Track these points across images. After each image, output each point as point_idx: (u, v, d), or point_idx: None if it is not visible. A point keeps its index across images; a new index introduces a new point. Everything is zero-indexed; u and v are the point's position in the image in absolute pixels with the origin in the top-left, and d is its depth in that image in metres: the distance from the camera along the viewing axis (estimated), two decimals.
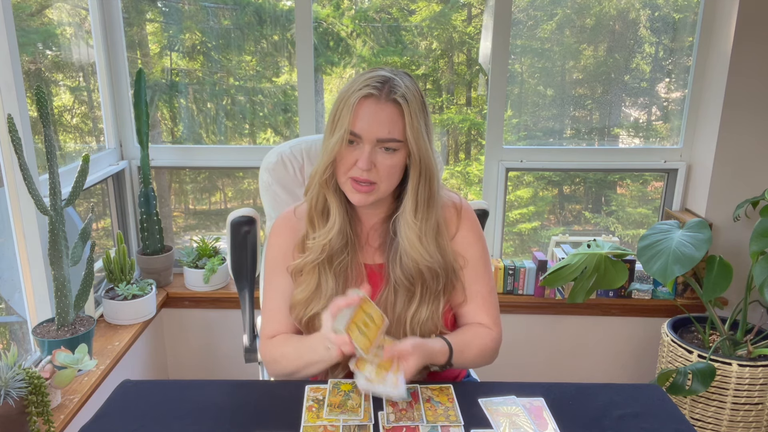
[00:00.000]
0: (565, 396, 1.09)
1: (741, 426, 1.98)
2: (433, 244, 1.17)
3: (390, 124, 1.09)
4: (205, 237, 2.48)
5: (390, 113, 1.09)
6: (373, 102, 1.09)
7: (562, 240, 2.50)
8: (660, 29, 2.41)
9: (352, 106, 1.09)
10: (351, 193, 1.14)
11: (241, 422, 1.03)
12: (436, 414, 1.03)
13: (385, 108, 1.09)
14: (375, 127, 1.09)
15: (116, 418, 1.05)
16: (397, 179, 1.14)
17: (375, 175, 1.11)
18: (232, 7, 2.39)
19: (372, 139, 1.09)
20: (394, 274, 1.18)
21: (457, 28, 2.51)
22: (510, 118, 2.49)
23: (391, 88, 1.10)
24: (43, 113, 1.56)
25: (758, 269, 1.87)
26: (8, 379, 1.31)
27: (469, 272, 1.24)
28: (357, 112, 1.09)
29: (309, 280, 1.20)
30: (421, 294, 1.17)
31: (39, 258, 1.77)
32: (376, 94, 1.09)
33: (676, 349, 2.05)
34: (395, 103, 1.09)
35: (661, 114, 2.55)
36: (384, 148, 1.10)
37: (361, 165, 1.09)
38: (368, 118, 1.09)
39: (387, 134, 1.09)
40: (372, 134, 1.09)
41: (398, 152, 1.11)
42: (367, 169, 1.09)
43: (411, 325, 1.17)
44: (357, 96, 1.09)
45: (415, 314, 1.17)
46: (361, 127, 1.09)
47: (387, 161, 1.11)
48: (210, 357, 2.50)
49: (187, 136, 2.55)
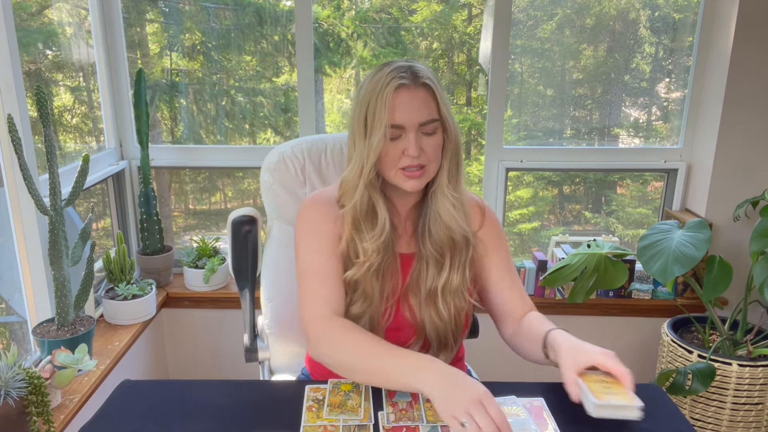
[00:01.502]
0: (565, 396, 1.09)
1: (741, 426, 1.98)
2: (464, 216, 1.21)
3: (427, 107, 1.13)
4: (205, 237, 2.48)
5: (424, 97, 1.13)
6: (405, 91, 1.12)
7: (562, 240, 2.50)
8: (660, 29, 2.41)
9: (387, 101, 1.11)
10: (404, 182, 1.15)
11: (241, 422, 1.03)
12: (436, 414, 1.03)
13: (419, 93, 1.13)
14: (415, 113, 1.12)
15: (116, 418, 1.04)
16: (440, 158, 1.18)
17: (424, 159, 1.14)
18: (232, 7, 2.39)
19: (415, 126, 1.12)
20: (425, 249, 1.21)
21: (457, 28, 2.51)
22: (510, 118, 2.49)
23: (416, 74, 1.13)
24: (43, 113, 1.56)
25: (758, 269, 1.87)
26: (8, 379, 1.31)
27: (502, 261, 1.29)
28: (394, 105, 1.12)
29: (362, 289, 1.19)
30: (451, 263, 1.20)
31: (39, 258, 1.77)
32: (407, 83, 1.12)
33: (676, 349, 2.05)
34: (425, 87, 1.14)
35: (661, 114, 2.55)
36: (425, 132, 1.14)
37: (412, 152, 1.12)
38: (406, 107, 1.12)
39: (427, 116, 1.13)
40: (414, 120, 1.12)
41: (437, 132, 1.15)
42: (418, 156, 1.12)
43: (443, 296, 1.20)
44: (390, 89, 1.11)
45: (446, 284, 1.20)
46: (401, 117, 1.12)
47: (431, 142, 1.14)
48: (210, 357, 2.50)
49: (187, 136, 2.55)
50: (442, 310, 1.21)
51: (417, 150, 1.12)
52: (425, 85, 1.14)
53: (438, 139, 1.16)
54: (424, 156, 1.14)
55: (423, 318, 1.21)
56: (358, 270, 1.18)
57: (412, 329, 1.23)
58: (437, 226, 1.20)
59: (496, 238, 1.30)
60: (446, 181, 1.19)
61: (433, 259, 1.21)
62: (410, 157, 1.13)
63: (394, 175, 1.16)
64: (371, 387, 1.10)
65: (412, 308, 1.22)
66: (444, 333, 1.22)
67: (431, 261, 1.21)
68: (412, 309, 1.22)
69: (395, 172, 1.15)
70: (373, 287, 1.18)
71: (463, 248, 1.22)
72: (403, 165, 1.14)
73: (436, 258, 1.21)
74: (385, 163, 1.15)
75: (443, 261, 1.21)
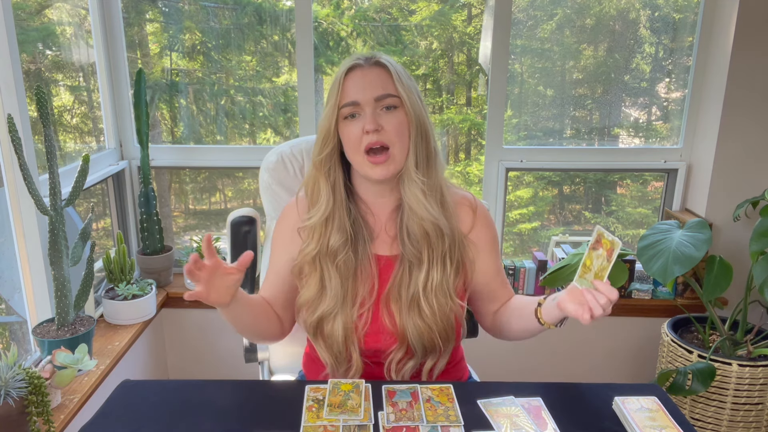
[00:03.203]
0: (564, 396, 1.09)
1: (741, 426, 1.98)
2: (436, 205, 1.16)
3: (381, 82, 1.12)
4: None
5: (378, 73, 1.13)
6: (358, 70, 1.14)
7: (562, 240, 2.50)
8: (660, 29, 2.41)
9: (339, 82, 1.13)
10: (370, 169, 1.13)
11: (241, 422, 1.02)
12: (436, 414, 1.03)
13: (372, 71, 1.14)
14: (368, 89, 1.12)
15: (116, 418, 1.04)
16: (407, 140, 1.13)
17: (386, 136, 1.11)
18: (232, 7, 2.39)
19: (369, 100, 1.11)
20: (406, 251, 1.17)
21: (457, 28, 2.51)
22: (510, 118, 2.49)
23: (371, 57, 1.16)
24: (43, 113, 1.56)
25: (758, 269, 1.87)
26: (8, 379, 1.31)
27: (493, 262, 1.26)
28: (346, 84, 1.13)
29: (313, 278, 1.18)
30: (429, 257, 1.16)
31: (39, 258, 1.77)
32: (360, 63, 1.14)
33: (676, 349, 2.05)
34: (380, 65, 1.14)
35: (661, 114, 2.55)
36: (385, 108, 1.12)
37: (368, 126, 1.10)
38: (359, 83, 1.12)
39: (381, 91, 1.12)
40: (367, 95, 1.11)
41: (399, 110, 1.13)
42: (376, 129, 1.10)
43: (425, 296, 1.15)
44: (343, 71, 1.14)
45: (427, 281, 1.16)
46: (355, 94, 1.12)
47: (392, 120, 1.12)
48: (210, 357, 2.50)
49: (187, 136, 2.55)
50: (426, 312, 1.15)
51: (374, 123, 1.10)
52: (379, 63, 1.14)
53: (399, 116, 1.12)
54: (386, 134, 1.11)
55: (404, 325, 1.16)
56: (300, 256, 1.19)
57: (392, 336, 1.17)
58: (411, 220, 1.16)
59: (489, 240, 1.25)
60: (413, 166, 1.14)
61: (415, 260, 1.17)
62: (369, 135, 1.10)
63: (361, 162, 1.13)
64: (371, 387, 1.10)
65: (392, 314, 1.17)
66: (429, 338, 1.16)
67: (414, 263, 1.17)
68: (392, 315, 1.17)
69: (361, 158, 1.13)
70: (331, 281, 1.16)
71: (438, 240, 1.16)
72: (365, 145, 1.11)
73: (417, 257, 1.16)
74: (349, 147, 1.13)
75: (422, 257, 1.16)
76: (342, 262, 1.17)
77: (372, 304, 1.18)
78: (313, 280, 1.18)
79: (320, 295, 1.18)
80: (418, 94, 1.16)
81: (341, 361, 1.19)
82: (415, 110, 1.13)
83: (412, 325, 1.15)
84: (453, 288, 1.18)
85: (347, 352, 1.17)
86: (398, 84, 1.12)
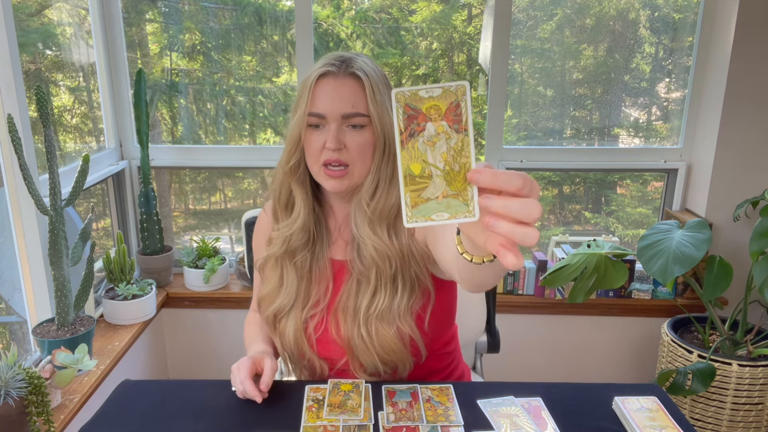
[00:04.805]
0: (564, 396, 1.09)
1: (741, 426, 1.98)
2: (385, 229, 1.10)
3: (352, 98, 1.05)
4: (205, 237, 2.48)
5: (351, 87, 1.05)
6: (331, 79, 1.06)
7: (562, 240, 2.50)
8: (660, 29, 2.41)
9: (310, 87, 1.05)
10: (326, 181, 1.08)
11: (241, 422, 1.02)
12: (436, 414, 1.03)
13: (345, 83, 1.05)
14: (337, 103, 1.04)
15: (116, 418, 1.04)
16: (369, 160, 1.08)
17: (346, 156, 1.06)
18: (232, 7, 2.39)
19: (336, 116, 1.05)
20: (355, 266, 1.13)
21: (457, 28, 2.51)
22: (510, 118, 2.49)
23: (348, 63, 1.07)
24: (43, 113, 1.56)
25: (758, 269, 1.87)
26: (8, 379, 1.31)
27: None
28: (316, 92, 1.05)
29: (272, 275, 1.18)
30: (376, 280, 1.10)
31: (39, 258, 1.77)
32: (334, 71, 1.06)
33: (676, 349, 2.05)
34: (354, 77, 1.06)
35: (661, 114, 2.55)
36: (351, 126, 1.06)
37: (329, 145, 1.04)
38: (329, 95, 1.05)
39: (351, 108, 1.05)
40: (335, 111, 1.04)
41: (366, 129, 1.06)
42: (336, 149, 1.04)
43: (365, 317, 1.10)
44: (315, 76, 1.06)
45: (371, 303, 1.10)
46: (322, 105, 1.05)
47: (356, 139, 1.06)
48: (210, 357, 2.50)
49: (187, 136, 2.55)
50: (364, 336, 1.09)
51: (336, 142, 1.04)
52: (354, 75, 1.05)
53: (365, 136, 1.06)
54: (347, 153, 1.06)
55: (348, 338, 1.11)
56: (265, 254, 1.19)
57: (340, 348, 1.14)
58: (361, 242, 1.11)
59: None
60: (368, 194, 1.08)
61: (364, 277, 1.12)
62: (329, 151, 1.05)
63: (318, 171, 1.08)
64: (371, 387, 1.10)
65: (338, 325, 1.13)
66: (371, 359, 1.10)
67: (363, 278, 1.12)
68: (338, 326, 1.13)
69: (318, 168, 1.08)
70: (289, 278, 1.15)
71: (385, 264, 1.09)
72: (323, 159, 1.06)
73: (365, 275, 1.11)
74: (308, 156, 1.09)
75: (370, 278, 1.10)
76: (299, 261, 1.16)
77: (325, 308, 1.16)
78: (272, 277, 1.18)
79: (278, 292, 1.17)
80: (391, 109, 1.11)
81: (296, 360, 1.19)
82: (384, 130, 1.06)
83: (357, 339, 1.10)
84: (406, 310, 1.10)
85: (300, 352, 1.17)
86: (370, 101, 1.05)
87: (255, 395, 1.05)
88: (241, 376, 1.07)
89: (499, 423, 1.01)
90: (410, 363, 1.14)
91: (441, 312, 1.17)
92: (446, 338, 1.24)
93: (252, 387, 1.06)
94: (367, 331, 1.09)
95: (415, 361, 1.15)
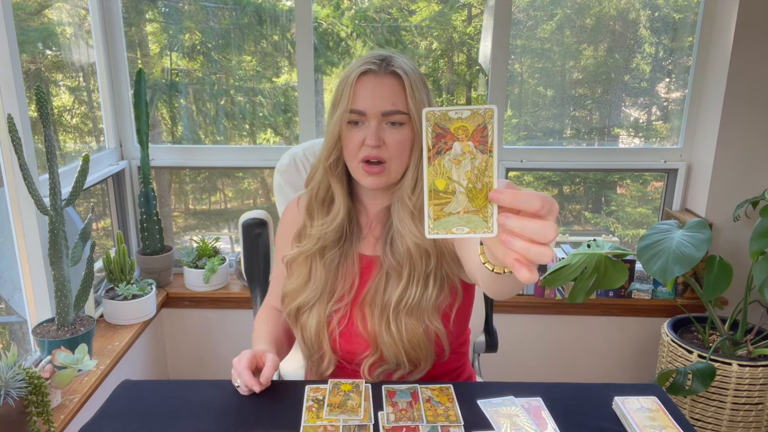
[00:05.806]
0: (564, 396, 1.09)
1: (741, 426, 1.98)
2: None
3: (392, 96, 1.07)
4: (205, 237, 2.48)
5: (391, 85, 1.08)
6: (372, 77, 1.08)
7: (562, 240, 2.50)
8: (660, 29, 2.41)
9: (351, 85, 1.08)
10: (363, 177, 1.11)
11: (241, 422, 1.02)
12: (436, 414, 1.03)
13: (386, 81, 1.08)
14: (378, 101, 1.07)
15: (116, 418, 1.04)
16: (407, 157, 1.10)
17: (385, 153, 1.08)
18: (232, 7, 2.39)
19: (376, 114, 1.07)
20: (386, 260, 1.14)
21: (457, 28, 2.51)
22: (510, 118, 2.49)
23: (388, 61, 1.09)
24: (43, 113, 1.56)
25: (758, 269, 1.87)
26: (8, 379, 1.31)
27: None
28: (357, 90, 1.08)
29: (301, 271, 1.19)
30: (409, 275, 1.12)
31: (39, 258, 1.77)
32: (375, 69, 1.08)
33: (676, 349, 2.05)
34: (395, 76, 1.08)
35: (661, 114, 2.55)
36: (390, 123, 1.08)
37: (369, 142, 1.06)
38: (370, 93, 1.07)
39: (391, 106, 1.07)
40: (376, 108, 1.07)
41: (405, 126, 1.09)
42: (376, 146, 1.07)
43: (395, 311, 1.11)
44: (356, 74, 1.08)
45: (402, 297, 1.11)
46: (363, 102, 1.07)
47: (395, 136, 1.08)
48: (210, 357, 2.50)
49: (187, 136, 2.55)
50: (393, 330, 1.11)
51: (376, 139, 1.06)
52: (395, 73, 1.08)
53: (404, 134, 1.08)
54: (385, 150, 1.08)
55: (376, 331, 1.12)
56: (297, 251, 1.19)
57: (365, 342, 1.15)
58: (398, 235, 1.13)
59: None
60: (410, 188, 1.11)
61: (394, 272, 1.13)
62: (369, 147, 1.07)
63: (356, 168, 1.11)
64: (371, 387, 1.10)
65: (365, 319, 1.14)
66: (396, 354, 1.12)
67: (393, 272, 1.13)
68: (365, 319, 1.14)
69: (357, 164, 1.10)
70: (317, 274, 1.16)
71: (421, 260, 1.11)
72: (362, 156, 1.08)
73: (396, 270, 1.13)
74: (347, 152, 1.11)
75: (402, 272, 1.12)
76: (329, 258, 1.17)
77: (349, 303, 1.17)
78: (301, 272, 1.19)
79: (304, 287, 1.18)
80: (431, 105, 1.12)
81: (314, 352, 1.19)
82: None
83: (382, 335, 1.12)
84: (434, 307, 1.13)
85: (319, 345, 1.17)
86: (410, 99, 1.08)
87: (253, 384, 1.05)
88: (240, 365, 1.07)
89: (499, 423, 1.01)
90: (431, 360, 1.15)
91: (464, 312, 1.20)
92: (463, 338, 1.26)
93: (250, 376, 1.06)
94: (396, 326, 1.11)
95: (436, 359, 1.16)
